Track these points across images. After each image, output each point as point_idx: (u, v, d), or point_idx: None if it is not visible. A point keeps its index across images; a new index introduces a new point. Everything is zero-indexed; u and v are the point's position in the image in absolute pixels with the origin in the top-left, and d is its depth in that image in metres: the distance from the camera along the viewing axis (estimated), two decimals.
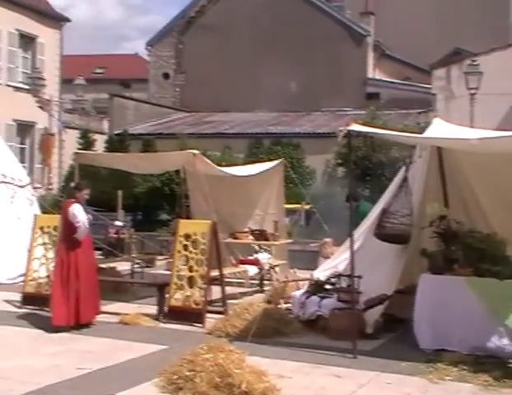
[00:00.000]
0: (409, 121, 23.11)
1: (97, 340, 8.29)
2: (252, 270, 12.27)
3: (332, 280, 9.20)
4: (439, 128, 8.66)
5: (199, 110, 31.15)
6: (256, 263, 12.36)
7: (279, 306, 9.64)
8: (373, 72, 32.52)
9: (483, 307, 7.50)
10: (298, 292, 9.53)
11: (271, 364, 6.89)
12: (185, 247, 9.45)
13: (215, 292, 10.02)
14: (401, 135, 9.23)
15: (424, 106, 25.49)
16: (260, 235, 12.94)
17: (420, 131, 10.86)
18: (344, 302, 8.37)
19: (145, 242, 15.86)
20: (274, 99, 30.02)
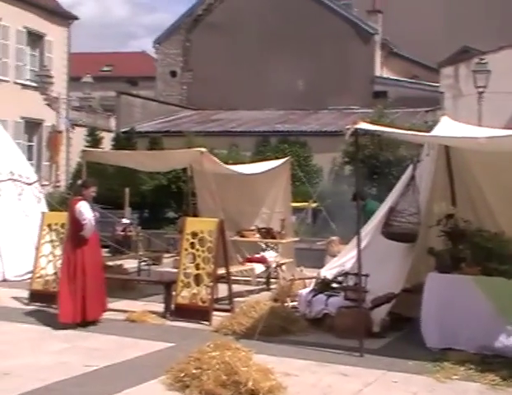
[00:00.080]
0: (417, 119, 23.02)
1: (104, 337, 8.31)
2: (259, 268, 12.27)
3: (338, 278, 9.19)
4: (446, 127, 8.63)
5: (206, 108, 31.15)
6: (263, 261, 12.36)
7: (286, 304, 9.64)
8: (380, 71, 32.41)
9: (491, 306, 7.48)
10: (304, 290, 9.52)
11: (277, 362, 6.89)
12: (192, 245, 9.45)
13: (221, 290, 10.03)
14: (408, 133, 9.20)
15: (432, 104, 25.40)
16: (267, 233, 12.94)
17: (427, 129, 10.83)
18: (351, 300, 8.36)
19: (152, 240, 15.90)
20: (281, 97, 29.98)
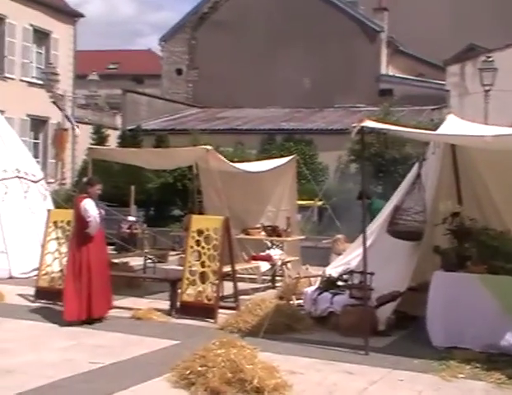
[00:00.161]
0: (422, 117, 22.97)
1: (109, 334, 8.32)
2: (264, 266, 12.27)
3: (344, 276, 9.18)
4: (452, 125, 8.60)
5: (212, 106, 31.16)
6: (268, 259, 12.36)
7: (291, 302, 9.63)
8: (386, 69, 32.36)
9: (496, 304, 7.47)
10: (310, 288, 9.52)
11: (282, 360, 6.89)
12: (198, 242, 9.46)
13: (227, 288, 10.04)
14: (414, 132, 9.18)
15: (438, 103, 25.35)
16: (272, 231, 12.94)
17: (433, 127, 10.80)
18: (356, 299, 8.36)
19: (157, 237, 15.91)
20: (287, 95, 29.96)
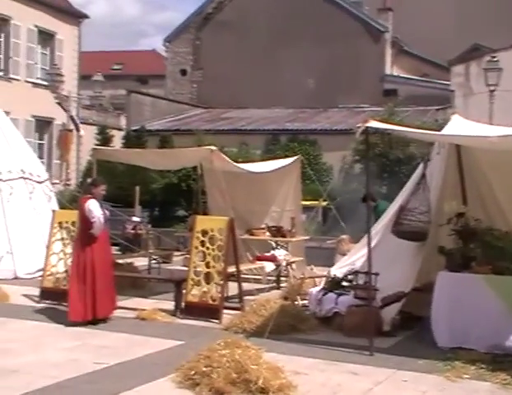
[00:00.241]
0: (427, 118, 22.94)
1: (114, 335, 8.33)
2: (269, 266, 12.27)
3: (349, 277, 9.17)
4: (457, 125, 8.59)
5: (216, 106, 31.17)
6: (273, 260, 12.36)
7: (296, 303, 9.64)
8: (391, 69, 32.32)
9: (501, 305, 7.46)
10: (315, 289, 9.51)
11: (287, 360, 6.89)
12: (202, 243, 9.46)
13: (232, 288, 10.05)
14: (419, 132, 9.17)
15: (442, 103, 25.30)
16: (277, 232, 12.94)
17: (438, 128, 10.79)
18: (361, 299, 8.35)
19: (162, 238, 15.93)
20: (291, 95, 29.95)
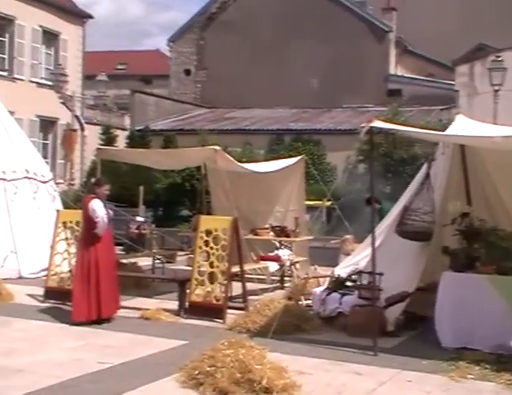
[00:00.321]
0: (431, 117, 22.93)
1: (118, 335, 8.34)
2: (273, 266, 12.27)
3: (352, 277, 9.17)
4: (461, 125, 8.58)
5: (220, 106, 31.19)
6: (277, 260, 12.36)
7: (299, 303, 9.63)
8: (395, 69, 32.30)
9: (506, 305, 7.43)
10: (318, 289, 9.51)
11: (291, 360, 6.88)
12: (206, 243, 9.46)
13: (235, 288, 10.05)
14: (423, 132, 9.15)
15: (446, 103, 25.27)
16: (281, 232, 12.94)
17: (442, 128, 10.77)
18: (365, 299, 8.34)
19: (166, 237, 15.95)
20: (295, 95, 29.94)
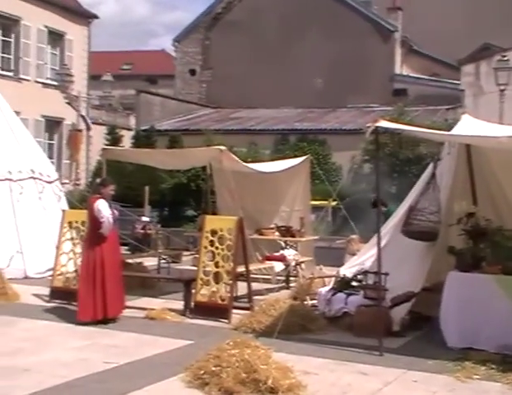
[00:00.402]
0: (437, 117, 22.88)
1: (123, 334, 8.34)
2: (278, 266, 12.27)
3: (358, 277, 9.16)
4: (467, 125, 8.56)
5: (225, 106, 31.18)
6: (282, 260, 12.35)
7: (305, 303, 9.63)
8: (400, 68, 32.24)
9: (511, 305, 7.42)
10: (324, 289, 9.51)
11: (296, 360, 6.88)
12: (211, 243, 9.47)
13: (241, 288, 10.05)
14: (429, 132, 9.14)
15: (452, 102, 25.22)
16: (286, 232, 12.92)
17: (448, 127, 10.75)
18: (370, 299, 8.33)
19: (171, 237, 15.94)
20: (300, 95, 29.92)
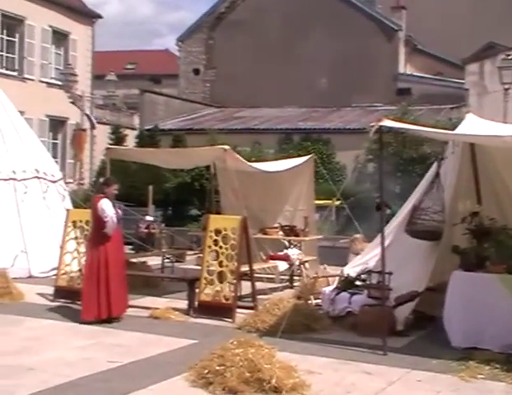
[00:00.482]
0: (441, 116, 22.85)
1: (127, 334, 8.35)
2: (282, 265, 12.26)
3: (362, 276, 9.16)
4: (471, 124, 8.55)
5: (229, 106, 31.18)
6: (286, 259, 12.35)
7: (309, 302, 9.64)
8: (404, 67, 32.19)
9: None
10: (328, 288, 9.50)
11: (300, 359, 6.88)
12: (215, 242, 9.47)
13: (245, 287, 10.05)
14: (433, 131, 9.13)
15: (456, 102, 25.19)
16: (290, 231, 12.93)
17: (452, 127, 10.74)
18: (374, 298, 8.33)
19: (175, 237, 15.96)
20: (304, 94, 29.90)
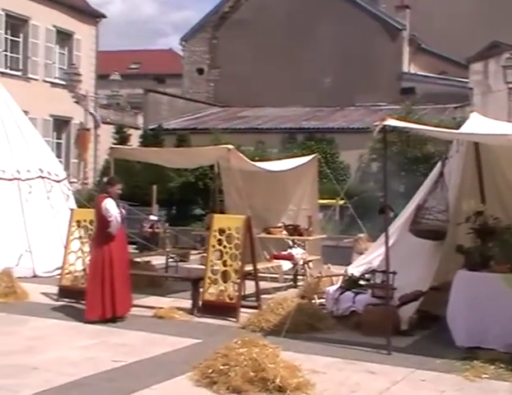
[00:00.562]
0: (445, 116, 22.83)
1: (132, 333, 8.36)
2: (286, 265, 12.26)
3: (366, 275, 9.15)
4: (476, 123, 8.54)
5: (233, 105, 31.18)
6: (290, 258, 12.35)
7: (313, 301, 9.63)
8: (408, 67, 32.15)
9: None
10: (332, 288, 9.50)
11: (304, 359, 6.88)
12: (219, 241, 9.48)
13: (249, 287, 10.06)
14: (437, 130, 9.12)
15: (460, 101, 25.15)
16: (294, 230, 12.93)
17: (456, 126, 10.73)
18: (378, 298, 8.32)
19: (179, 236, 15.97)
20: (308, 94, 29.87)
